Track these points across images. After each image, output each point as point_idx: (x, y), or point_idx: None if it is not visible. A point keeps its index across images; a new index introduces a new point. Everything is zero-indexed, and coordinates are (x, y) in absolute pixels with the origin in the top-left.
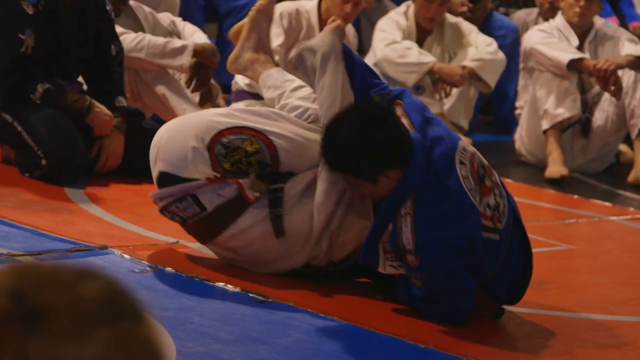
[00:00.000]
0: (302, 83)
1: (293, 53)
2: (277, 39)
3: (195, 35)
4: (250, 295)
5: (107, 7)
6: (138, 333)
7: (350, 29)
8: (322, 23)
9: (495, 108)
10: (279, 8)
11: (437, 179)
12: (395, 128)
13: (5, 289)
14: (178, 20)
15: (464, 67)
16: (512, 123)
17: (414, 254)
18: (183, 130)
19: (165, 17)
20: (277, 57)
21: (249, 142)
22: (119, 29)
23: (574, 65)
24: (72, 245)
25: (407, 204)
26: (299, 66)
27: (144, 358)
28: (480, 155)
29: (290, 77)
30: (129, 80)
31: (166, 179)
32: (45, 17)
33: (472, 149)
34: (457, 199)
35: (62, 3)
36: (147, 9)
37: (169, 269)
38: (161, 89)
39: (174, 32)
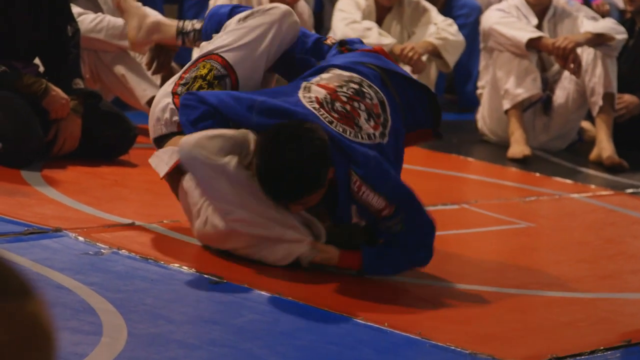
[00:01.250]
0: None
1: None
2: None
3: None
4: (205, 276)
5: None
6: (26, 310)
7: (305, 7)
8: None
9: (459, 87)
10: None
11: (345, 145)
12: (318, 130)
13: None
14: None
15: (429, 44)
16: (475, 103)
17: (388, 206)
18: (159, 95)
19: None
20: None
21: (201, 66)
22: (77, 9)
23: (533, 44)
24: (26, 228)
25: (353, 181)
26: None
27: (30, 334)
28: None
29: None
30: (88, 61)
31: (157, 144)
32: None
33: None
34: (368, 150)
35: None
36: None
37: (123, 251)
38: (121, 70)
39: None
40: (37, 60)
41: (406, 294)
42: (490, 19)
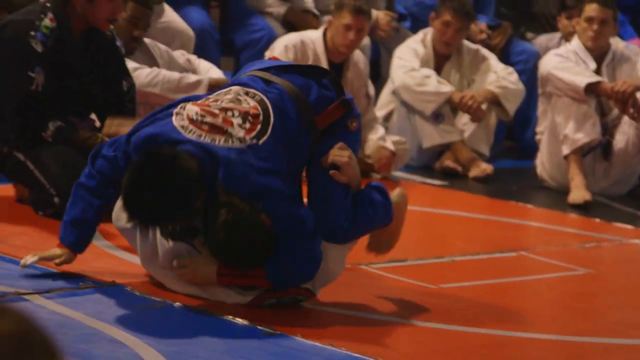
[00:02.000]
0: None
1: None
2: None
3: (210, 71)
4: (258, 327)
5: (117, 43)
6: None
7: (360, 56)
8: (328, 52)
9: (518, 134)
10: (283, 41)
11: (213, 151)
12: (183, 161)
13: None
14: (193, 58)
15: (489, 92)
16: (535, 149)
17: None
18: None
19: (180, 55)
20: None
21: None
22: (133, 64)
23: (592, 89)
24: (81, 283)
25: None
26: None
27: None
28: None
29: None
30: (144, 115)
31: None
32: (55, 55)
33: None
34: (233, 153)
35: (71, 40)
36: (162, 46)
37: (177, 304)
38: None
39: (189, 70)
40: (93, 116)
41: (464, 344)
42: (549, 63)
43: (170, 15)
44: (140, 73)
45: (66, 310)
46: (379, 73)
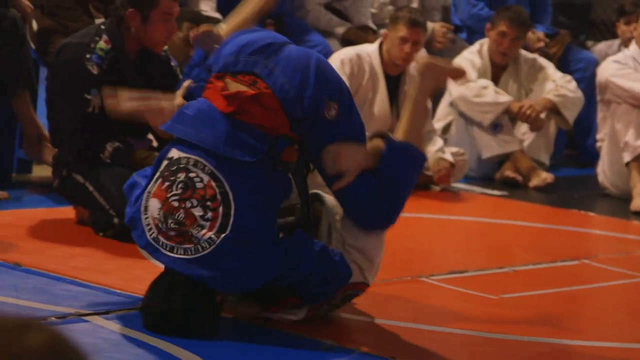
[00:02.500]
0: None
1: None
2: None
3: None
4: (320, 341)
5: (172, 63)
6: None
7: None
8: (385, 65)
9: (579, 142)
10: (339, 55)
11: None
12: None
13: None
14: None
15: (548, 101)
16: (596, 156)
17: None
18: None
19: None
20: None
21: None
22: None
23: None
24: (141, 302)
25: None
26: None
27: None
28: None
29: None
30: None
31: None
32: (111, 77)
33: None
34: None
35: (126, 62)
36: None
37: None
38: None
39: None
40: (150, 135)
41: (527, 354)
42: (607, 71)
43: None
44: None
45: (125, 330)
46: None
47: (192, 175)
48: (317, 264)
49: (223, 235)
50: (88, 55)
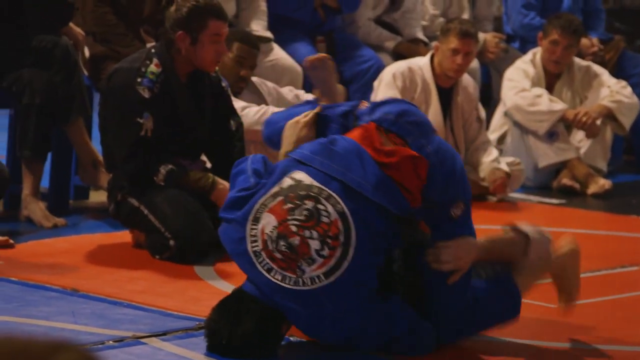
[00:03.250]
0: None
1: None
2: None
3: None
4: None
5: (223, 84)
6: None
7: (470, 81)
8: (437, 77)
9: (636, 147)
10: (391, 69)
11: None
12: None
13: None
14: (301, 93)
15: (603, 107)
16: None
17: None
18: None
19: (288, 91)
20: None
21: None
22: (240, 103)
23: None
24: (197, 323)
25: None
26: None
27: None
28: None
29: None
30: (255, 152)
31: None
32: (162, 100)
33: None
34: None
35: (177, 84)
36: (270, 84)
37: (293, 338)
38: None
39: None
40: (203, 157)
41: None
42: None
43: (278, 53)
44: (249, 112)
45: (183, 351)
46: (490, 95)
47: (320, 207)
48: (408, 331)
49: (331, 278)
50: (139, 80)
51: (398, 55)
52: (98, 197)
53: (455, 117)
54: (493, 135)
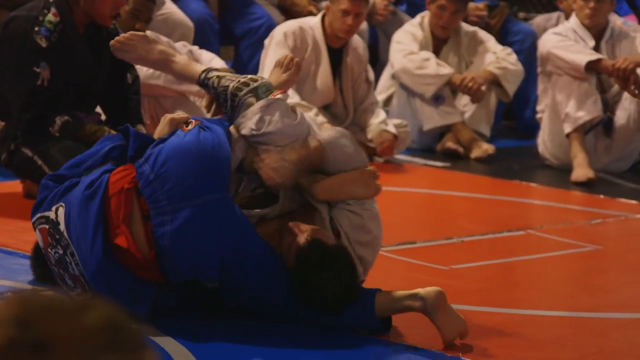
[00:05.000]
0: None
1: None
2: None
3: (213, 61)
4: None
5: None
6: None
7: (359, 42)
8: (327, 37)
9: (517, 113)
10: (282, 28)
11: None
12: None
13: (11, 319)
14: (195, 49)
15: (489, 73)
16: (534, 127)
17: None
18: None
19: (182, 47)
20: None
21: None
22: None
23: (592, 67)
24: None
25: None
26: None
27: None
28: None
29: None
30: (149, 107)
31: None
32: (59, 50)
33: None
34: None
35: (75, 34)
36: (164, 38)
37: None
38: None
39: None
40: (99, 109)
41: (480, 323)
42: (548, 42)
43: (169, 7)
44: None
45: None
46: (377, 57)
47: (67, 259)
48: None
49: None
50: (37, 28)
51: (284, 9)
52: None
53: (345, 77)
54: (379, 97)
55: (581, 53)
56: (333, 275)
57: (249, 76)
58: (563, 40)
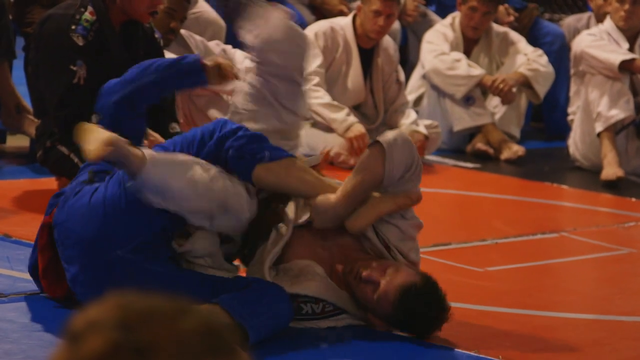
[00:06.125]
0: None
1: None
2: (314, 60)
3: (246, 61)
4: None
5: (156, 35)
6: None
7: (390, 42)
8: (358, 38)
9: (546, 115)
10: (313, 28)
11: None
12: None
13: (114, 323)
14: (228, 48)
15: (520, 75)
16: (563, 129)
17: None
18: None
19: (215, 46)
20: (317, 79)
21: None
22: (170, 55)
23: (626, 67)
24: None
25: None
26: None
27: None
28: None
29: None
30: (182, 106)
31: None
32: (96, 48)
33: None
34: None
35: (111, 33)
36: (198, 37)
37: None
38: (214, 113)
39: None
40: None
41: (516, 326)
42: (582, 42)
43: (202, 6)
44: None
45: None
46: (407, 58)
47: None
48: None
49: None
50: (73, 27)
51: (314, 8)
52: (15, 141)
53: (376, 78)
54: (410, 97)
55: (615, 52)
56: (438, 305)
57: None
58: (597, 40)
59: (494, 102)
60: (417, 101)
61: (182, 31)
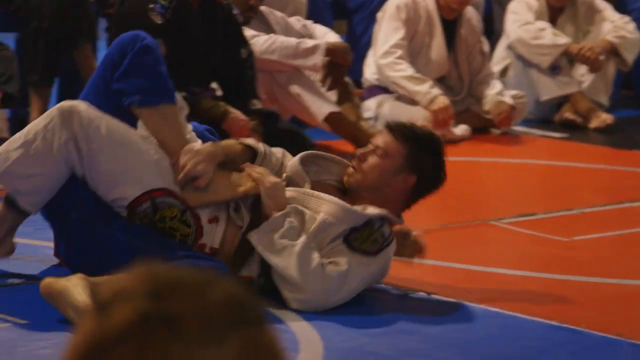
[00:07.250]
0: None
1: None
2: (396, 33)
3: (327, 36)
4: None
5: (234, 12)
6: (264, 337)
7: (473, 13)
8: (440, 9)
9: (636, 82)
10: (395, 1)
11: None
12: None
13: (143, 292)
14: (309, 23)
15: (607, 42)
16: None
17: None
18: None
19: (295, 21)
20: (400, 51)
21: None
22: (250, 32)
23: None
24: None
25: None
26: None
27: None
28: None
29: None
30: (264, 82)
31: None
32: (174, 26)
33: None
34: None
35: (189, 11)
36: (278, 13)
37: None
38: (296, 89)
39: (306, 35)
40: (214, 85)
41: (601, 295)
42: None
43: None
44: (257, 40)
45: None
46: (492, 29)
47: None
48: None
49: None
50: (152, 6)
51: None
52: None
53: (459, 49)
54: (495, 68)
55: None
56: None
57: None
58: None
59: (581, 70)
60: (504, 72)
61: (263, 7)
